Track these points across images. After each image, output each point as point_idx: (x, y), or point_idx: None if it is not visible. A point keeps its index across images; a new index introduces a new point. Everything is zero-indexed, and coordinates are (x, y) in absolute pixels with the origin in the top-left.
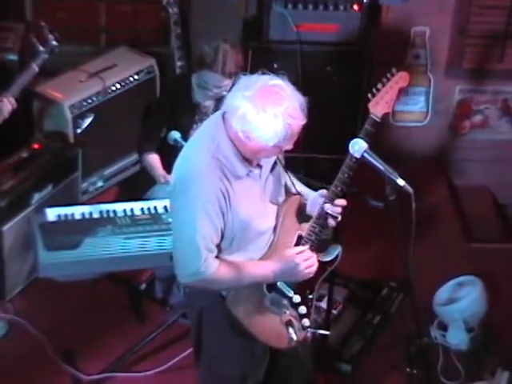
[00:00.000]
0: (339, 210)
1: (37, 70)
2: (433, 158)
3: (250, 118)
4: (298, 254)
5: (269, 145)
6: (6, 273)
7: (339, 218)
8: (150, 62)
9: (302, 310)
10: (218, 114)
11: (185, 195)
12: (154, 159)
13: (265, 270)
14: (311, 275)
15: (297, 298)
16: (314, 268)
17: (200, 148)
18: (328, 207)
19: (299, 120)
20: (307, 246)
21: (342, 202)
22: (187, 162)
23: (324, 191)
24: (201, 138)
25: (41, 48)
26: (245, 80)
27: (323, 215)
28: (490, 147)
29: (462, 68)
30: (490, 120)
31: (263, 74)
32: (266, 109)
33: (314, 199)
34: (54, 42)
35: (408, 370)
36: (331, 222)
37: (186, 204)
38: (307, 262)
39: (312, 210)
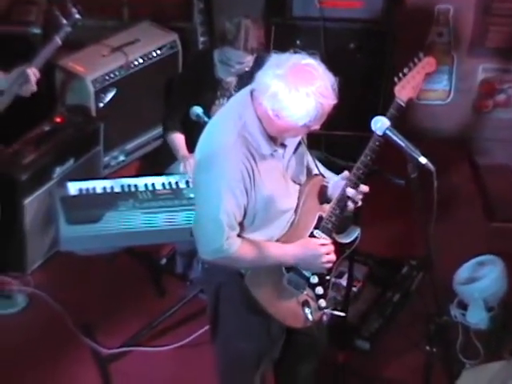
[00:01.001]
0: (360, 196)
1: (60, 43)
2: (455, 137)
3: (281, 97)
4: (322, 244)
5: (299, 124)
6: (27, 246)
7: (359, 203)
8: (172, 37)
9: (319, 290)
10: (246, 91)
11: (209, 172)
12: (178, 139)
13: (286, 253)
14: (325, 270)
15: (314, 279)
16: (331, 265)
17: (226, 125)
18: (350, 191)
19: (330, 100)
20: (330, 241)
21: (365, 188)
22: (213, 139)
23: (346, 173)
24: (227, 114)
25: (64, 21)
26: (276, 58)
27: (344, 198)
28: None
29: (486, 47)
30: None
31: (295, 52)
32: (298, 88)
33: (337, 182)
34: (77, 16)
35: (427, 348)
36: (350, 206)
37: (210, 180)
38: (329, 256)
39: (334, 192)
